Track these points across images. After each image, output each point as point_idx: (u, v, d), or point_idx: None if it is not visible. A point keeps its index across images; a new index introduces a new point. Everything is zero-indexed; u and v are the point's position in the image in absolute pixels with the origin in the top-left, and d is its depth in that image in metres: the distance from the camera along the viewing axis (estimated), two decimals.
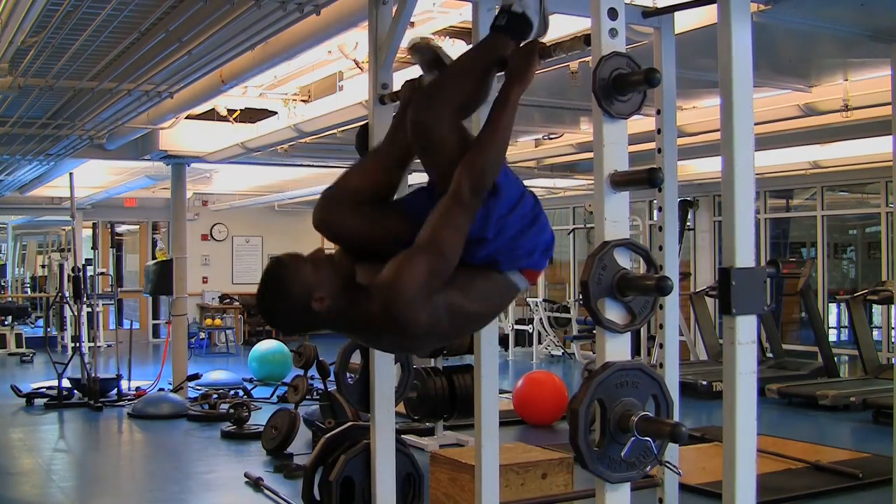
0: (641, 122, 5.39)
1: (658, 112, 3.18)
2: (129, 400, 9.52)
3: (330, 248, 2.35)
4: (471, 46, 2.30)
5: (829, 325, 12.32)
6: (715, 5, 2.07)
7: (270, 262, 2.21)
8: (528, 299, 13.94)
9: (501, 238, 2.24)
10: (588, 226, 12.66)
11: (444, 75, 2.39)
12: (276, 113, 8.59)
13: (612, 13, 1.96)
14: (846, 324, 11.95)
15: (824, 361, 10.32)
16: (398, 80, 3.03)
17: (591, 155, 2.12)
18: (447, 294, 2.11)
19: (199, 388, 9.97)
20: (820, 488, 5.83)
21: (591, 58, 1.99)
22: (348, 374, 3.25)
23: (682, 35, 3.43)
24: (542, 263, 2.34)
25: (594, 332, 2.05)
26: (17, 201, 14.85)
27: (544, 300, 14.24)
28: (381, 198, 2.40)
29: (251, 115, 8.95)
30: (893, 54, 4.68)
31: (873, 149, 9.19)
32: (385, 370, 3.10)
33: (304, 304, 2.12)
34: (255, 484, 6.22)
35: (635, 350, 2.61)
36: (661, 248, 3.24)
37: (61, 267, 13.59)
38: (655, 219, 2.85)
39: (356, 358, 3.23)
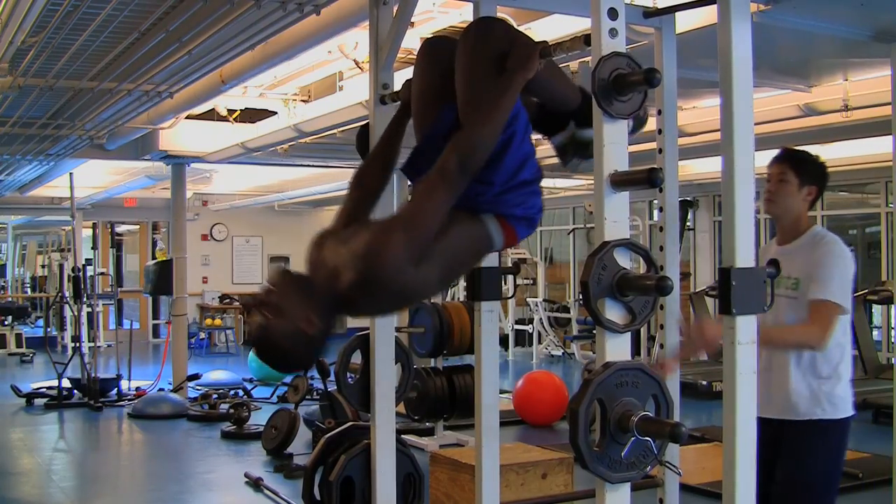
0: None
1: (659, 112, 3.18)
2: (129, 400, 9.53)
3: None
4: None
5: None
6: (715, 6, 2.07)
7: (250, 330, 2.14)
8: (528, 299, 13.95)
9: (498, 187, 2.23)
10: (588, 226, 12.67)
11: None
12: (276, 113, 8.59)
13: (613, 13, 1.96)
14: None
15: None
16: (398, 79, 3.03)
17: None
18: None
19: (199, 388, 9.97)
20: None
21: (591, 58, 1.99)
22: (348, 374, 3.25)
23: (682, 35, 3.43)
24: (522, 228, 2.31)
25: (594, 332, 2.05)
26: (17, 201, 14.85)
27: (544, 300, 14.24)
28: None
29: (251, 116, 8.96)
30: (893, 54, 4.68)
31: (873, 149, 9.19)
32: (385, 370, 3.10)
33: (301, 338, 2.08)
34: (256, 484, 6.22)
35: (635, 350, 2.60)
36: (661, 248, 3.24)
37: (61, 267, 13.60)
38: (656, 219, 2.85)
39: (356, 358, 3.23)
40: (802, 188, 3.23)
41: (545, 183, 2.39)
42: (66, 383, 9.54)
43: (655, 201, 3.44)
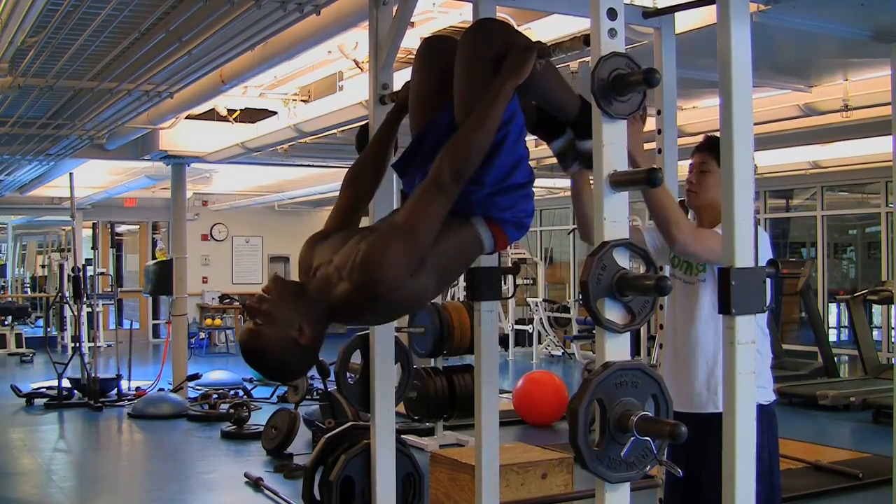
0: None
1: (658, 112, 3.18)
2: (129, 400, 9.53)
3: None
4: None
5: (829, 325, 12.33)
6: (714, 6, 2.07)
7: (241, 338, 2.12)
8: (528, 299, 13.95)
9: (489, 188, 2.22)
10: None
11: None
12: (276, 113, 8.59)
13: (612, 13, 1.96)
14: (846, 324, 11.96)
15: (824, 361, 10.32)
16: (398, 80, 3.03)
17: None
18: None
19: (199, 388, 9.97)
20: (820, 488, 5.84)
21: (590, 58, 1.99)
22: (348, 374, 3.25)
23: (682, 35, 3.42)
24: (512, 231, 2.30)
25: (594, 331, 2.05)
26: (17, 201, 14.86)
27: (544, 300, 14.24)
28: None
29: (251, 115, 8.96)
30: (893, 54, 4.68)
31: (873, 149, 9.20)
32: (385, 370, 3.10)
33: (295, 349, 2.08)
34: (256, 484, 6.22)
35: (635, 350, 2.60)
36: None
37: (61, 267, 13.60)
38: None
39: (356, 358, 3.23)
40: None
41: (546, 183, 2.39)
42: (66, 383, 9.55)
43: None
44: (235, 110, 8.62)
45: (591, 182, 2.11)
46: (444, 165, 2.10)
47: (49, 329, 14.25)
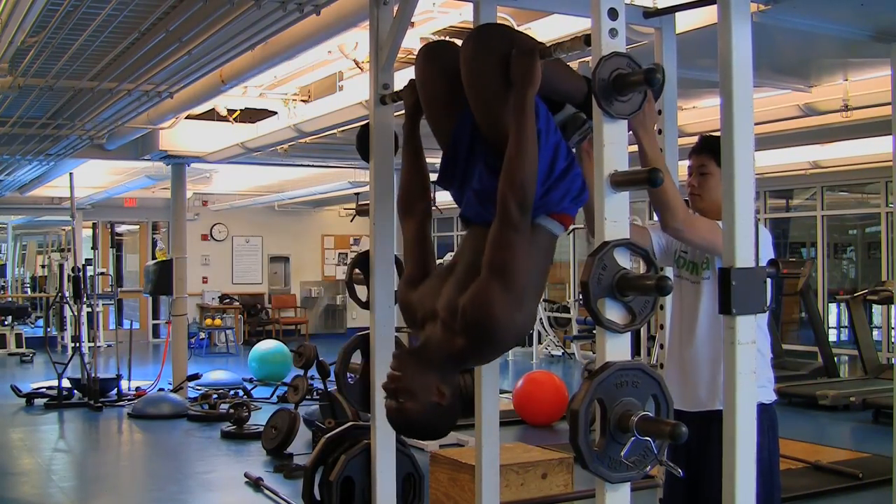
0: None
1: (659, 112, 3.18)
2: (128, 400, 9.53)
3: None
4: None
5: (829, 325, 12.33)
6: (715, 6, 2.07)
7: (391, 418, 2.22)
8: None
9: (541, 187, 2.24)
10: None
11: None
12: (276, 113, 8.59)
13: (613, 13, 1.96)
14: (846, 324, 11.96)
15: (824, 361, 10.32)
16: (399, 79, 3.03)
17: None
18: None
19: (198, 388, 9.97)
20: (820, 488, 5.84)
21: (591, 58, 1.99)
22: (348, 374, 3.25)
23: (682, 35, 3.42)
24: (573, 209, 2.34)
25: (594, 332, 2.05)
26: (17, 201, 14.86)
27: (544, 300, 14.24)
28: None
29: (251, 115, 8.96)
30: (893, 54, 4.68)
31: (873, 149, 9.20)
32: (385, 370, 3.10)
33: (441, 411, 2.17)
34: (255, 484, 6.22)
35: (635, 350, 2.60)
36: None
37: (61, 267, 13.60)
38: (655, 219, 2.84)
39: (356, 358, 3.23)
40: None
41: None
42: (66, 383, 9.55)
43: None
44: (235, 110, 8.61)
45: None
46: (509, 203, 2.12)
47: (49, 329, 14.23)
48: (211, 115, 8.99)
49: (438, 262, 2.75)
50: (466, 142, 2.32)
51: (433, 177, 2.48)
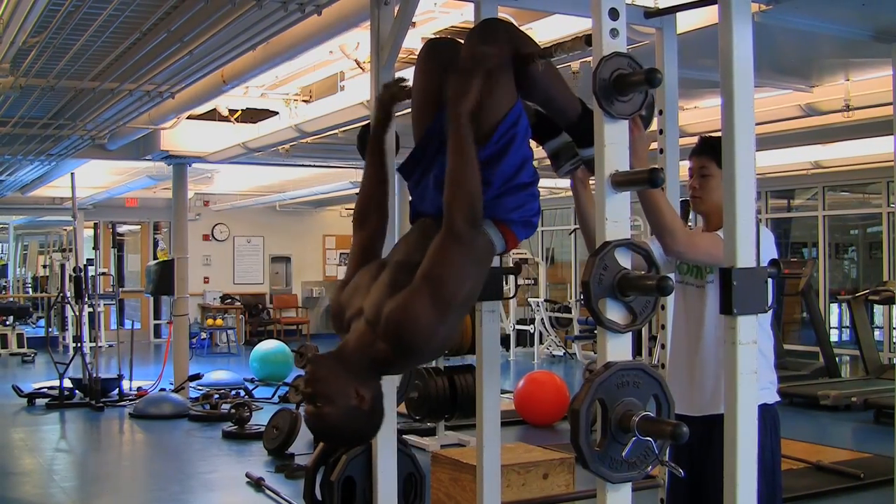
0: None
1: (660, 112, 3.18)
2: (130, 400, 9.53)
3: None
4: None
5: (831, 326, 12.32)
6: (716, 6, 2.07)
7: (309, 423, 2.14)
8: (529, 299, 13.95)
9: (496, 189, 2.23)
10: None
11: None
12: (277, 113, 8.59)
13: (614, 13, 1.96)
14: (847, 324, 11.96)
15: (825, 361, 10.31)
16: None
17: None
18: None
19: (200, 388, 9.97)
20: (821, 488, 5.83)
21: (592, 58, 1.99)
22: None
23: (683, 35, 3.43)
24: (521, 231, 2.31)
25: (595, 332, 2.05)
26: (19, 201, 14.87)
27: (546, 300, 14.24)
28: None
29: (252, 116, 8.96)
30: (894, 54, 4.68)
31: (874, 149, 9.20)
32: None
33: (361, 415, 2.10)
34: (257, 484, 6.22)
35: (636, 350, 2.60)
36: None
37: (63, 267, 13.59)
38: None
39: None
40: None
41: (548, 183, 2.40)
42: (67, 383, 9.55)
43: None
44: (237, 110, 8.62)
45: (591, 183, 2.11)
46: (454, 215, 2.09)
47: (50, 329, 14.23)
48: (212, 116, 9.00)
49: None
50: (440, 138, 2.28)
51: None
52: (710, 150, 2.95)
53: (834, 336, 12.45)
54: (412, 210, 2.42)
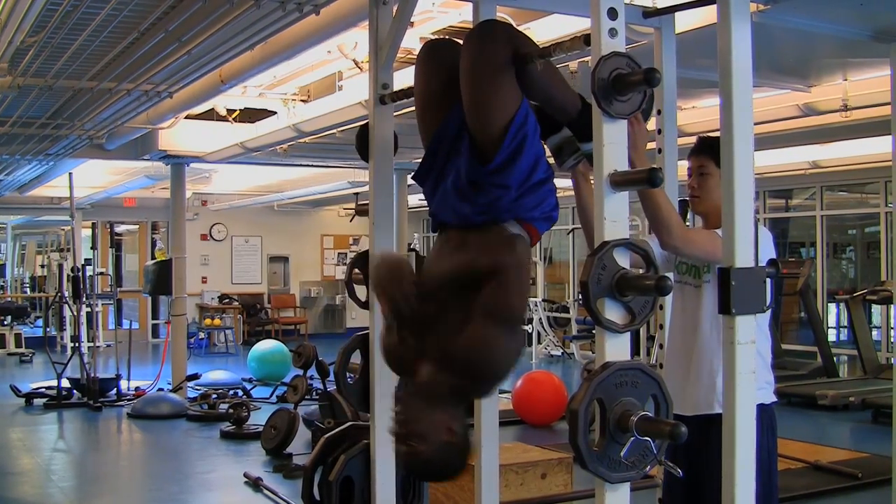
0: None
1: (658, 112, 3.18)
2: (128, 400, 9.53)
3: None
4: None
5: (829, 325, 12.33)
6: (715, 5, 2.07)
7: (405, 463, 2.16)
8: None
9: (515, 191, 2.25)
10: None
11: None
12: (275, 113, 8.59)
13: (612, 13, 1.96)
14: (845, 324, 11.96)
15: (823, 361, 10.32)
16: (398, 79, 3.03)
17: None
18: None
19: (198, 388, 9.97)
20: (819, 488, 5.84)
21: (590, 58, 1.99)
22: (348, 374, 3.25)
23: (682, 35, 3.42)
24: (542, 226, 2.34)
25: (593, 331, 2.05)
26: (17, 201, 14.85)
27: (544, 300, 14.24)
28: None
29: (250, 115, 8.95)
30: (893, 54, 4.68)
31: (872, 149, 9.20)
32: (385, 370, 3.10)
33: (453, 449, 2.11)
34: (255, 484, 6.22)
35: (635, 350, 2.60)
36: None
37: (61, 267, 13.58)
38: None
39: (356, 358, 3.23)
40: None
41: None
42: (65, 383, 9.54)
43: None
44: (235, 110, 8.62)
45: (591, 180, 2.12)
46: (489, 316, 2.09)
47: (48, 329, 14.24)
48: (210, 115, 8.99)
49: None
50: (450, 141, 2.29)
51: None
52: (708, 150, 2.95)
53: (832, 336, 12.45)
54: (434, 219, 2.43)
